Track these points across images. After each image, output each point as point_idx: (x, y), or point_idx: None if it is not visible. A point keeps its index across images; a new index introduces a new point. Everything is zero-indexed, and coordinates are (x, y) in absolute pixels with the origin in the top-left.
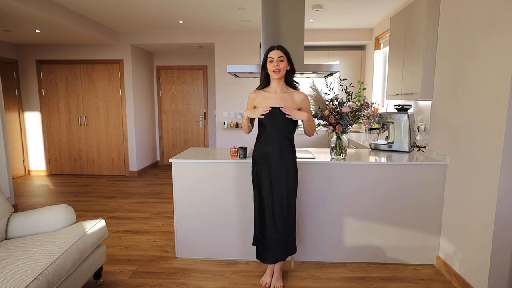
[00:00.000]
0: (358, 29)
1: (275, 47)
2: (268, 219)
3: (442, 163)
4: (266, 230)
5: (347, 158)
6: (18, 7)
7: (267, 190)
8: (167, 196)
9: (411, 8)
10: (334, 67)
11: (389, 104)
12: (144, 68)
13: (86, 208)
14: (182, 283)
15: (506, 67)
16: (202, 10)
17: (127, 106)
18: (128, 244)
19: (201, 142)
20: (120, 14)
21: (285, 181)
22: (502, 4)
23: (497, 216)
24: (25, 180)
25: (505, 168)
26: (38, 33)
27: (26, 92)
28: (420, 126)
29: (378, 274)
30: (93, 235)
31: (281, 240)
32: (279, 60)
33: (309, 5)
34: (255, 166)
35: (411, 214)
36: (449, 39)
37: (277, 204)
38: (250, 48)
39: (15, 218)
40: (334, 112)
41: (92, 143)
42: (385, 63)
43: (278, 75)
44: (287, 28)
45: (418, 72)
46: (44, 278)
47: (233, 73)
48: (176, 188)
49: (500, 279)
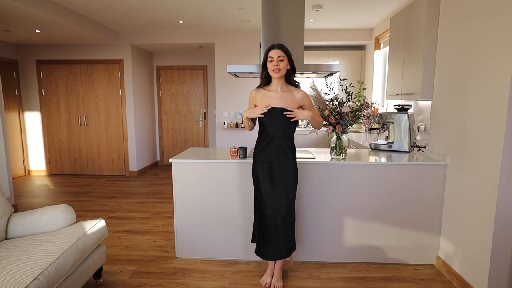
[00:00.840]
0: (358, 29)
1: (275, 46)
2: (269, 218)
3: (442, 163)
4: (266, 228)
5: (347, 158)
6: (18, 7)
7: (267, 189)
8: (167, 196)
9: (411, 8)
10: (334, 67)
11: (389, 104)
12: (144, 68)
13: (86, 208)
14: (182, 283)
15: (506, 67)
16: (202, 10)
17: (127, 106)
18: (128, 244)
19: (201, 142)
20: (120, 14)
21: (285, 181)
22: (502, 3)
23: (497, 216)
24: (25, 180)
25: (505, 168)
26: (38, 33)
27: (26, 92)
28: (420, 126)
29: (378, 274)
30: (93, 235)
31: (281, 238)
32: (279, 60)
33: (309, 5)
34: (256, 166)
35: (411, 214)
36: (449, 39)
37: (277, 203)
38: (250, 48)
39: (15, 218)
40: (334, 112)
41: (92, 143)
42: (385, 63)
43: (278, 74)
44: (287, 28)
45: (418, 72)
46: (44, 278)
47: (233, 73)
48: (176, 188)
49: (500, 279)
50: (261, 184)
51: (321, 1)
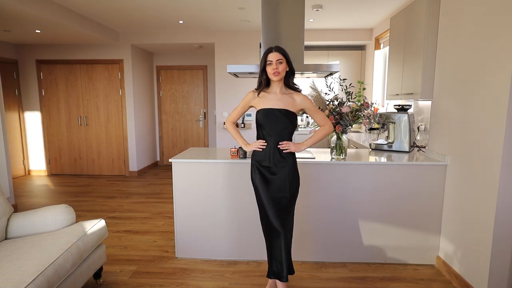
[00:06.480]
0: (358, 29)
1: (273, 48)
2: (272, 218)
3: (442, 163)
4: (271, 236)
5: (347, 158)
6: (18, 7)
7: (268, 191)
8: (167, 196)
9: (411, 8)
10: (334, 67)
11: (389, 104)
12: (144, 68)
13: (86, 208)
14: (182, 283)
15: (506, 66)
16: (202, 10)
17: (127, 106)
18: (128, 244)
19: (201, 142)
20: (120, 14)
21: (286, 183)
22: (502, 3)
23: (497, 216)
24: (25, 180)
25: (505, 168)
26: (38, 33)
27: (26, 92)
28: (420, 126)
29: (378, 274)
30: (93, 235)
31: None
32: (278, 63)
33: (309, 5)
34: (254, 168)
35: (411, 214)
36: (449, 39)
37: (278, 204)
38: (250, 48)
39: (15, 218)
40: (334, 112)
41: (92, 143)
42: (385, 63)
43: (278, 77)
44: (287, 28)
45: (418, 72)
46: (44, 278)
47: (233, 73)
48: (176, 188)
49: (500, 279)
50: (260, 187)
51: (321, 1)
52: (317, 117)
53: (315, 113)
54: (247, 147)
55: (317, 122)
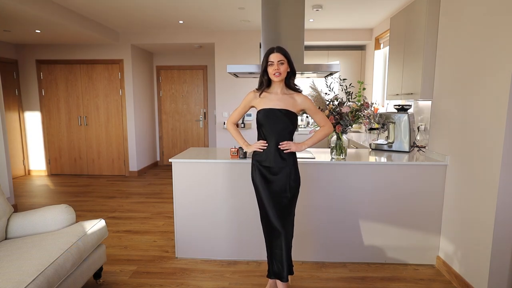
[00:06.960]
0: (358, 29)
1: (274, 49)
2: (273, 218)
3: (442, 163)
4: (271, 236)
5: (347, 158)
6: (18, 7)
7: (269, 191)
8: (167, 196)
9: (411, 8)
10: (334, 67)
11: (389, 104)
12: (144, 68)
13: (86, 208)
14: (182, 283)
15: (506, 66)
16: (202, 10)
17: (127, 106)
18: (128, 244)
19: (201, 142)
20: (120, 14)
21: (287, 183)
22: (502, 3)
23: (497, 216)
24: (25, 180)
25: (505, 168)
26: (38, 33)
27: (26, 92)
28: (420, 126)
29: (378, 274)
30: (93, 235)
31: (286, 246)
32: (279, 63)
33: (309, 5)
34: (255, 168)
35: (411, 214)
36: (449, 39)
37: (279, 204)
38: (250, 48)
39: (15, 218)
40: (334, 112)
41: (92, 143)
42: (385, 63)
43: (279, 78)
44: (287, 28)
45: (418, 72)
46: (44, 278)
47: (233, 73)
48: (176, 188)
49: (500, 279)
50: (260, 187)
51: (321, 1)
52: (317, 118)
53: (316, 114)
54: (248, 148)
55: (317, 123)
